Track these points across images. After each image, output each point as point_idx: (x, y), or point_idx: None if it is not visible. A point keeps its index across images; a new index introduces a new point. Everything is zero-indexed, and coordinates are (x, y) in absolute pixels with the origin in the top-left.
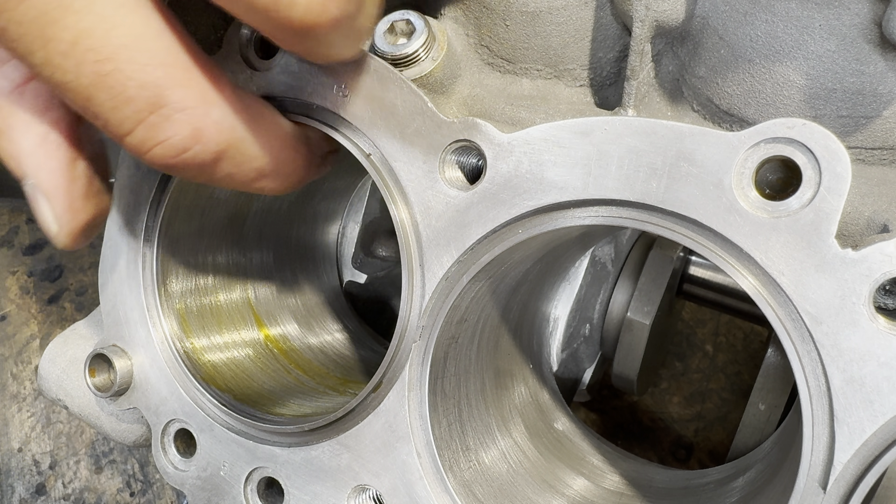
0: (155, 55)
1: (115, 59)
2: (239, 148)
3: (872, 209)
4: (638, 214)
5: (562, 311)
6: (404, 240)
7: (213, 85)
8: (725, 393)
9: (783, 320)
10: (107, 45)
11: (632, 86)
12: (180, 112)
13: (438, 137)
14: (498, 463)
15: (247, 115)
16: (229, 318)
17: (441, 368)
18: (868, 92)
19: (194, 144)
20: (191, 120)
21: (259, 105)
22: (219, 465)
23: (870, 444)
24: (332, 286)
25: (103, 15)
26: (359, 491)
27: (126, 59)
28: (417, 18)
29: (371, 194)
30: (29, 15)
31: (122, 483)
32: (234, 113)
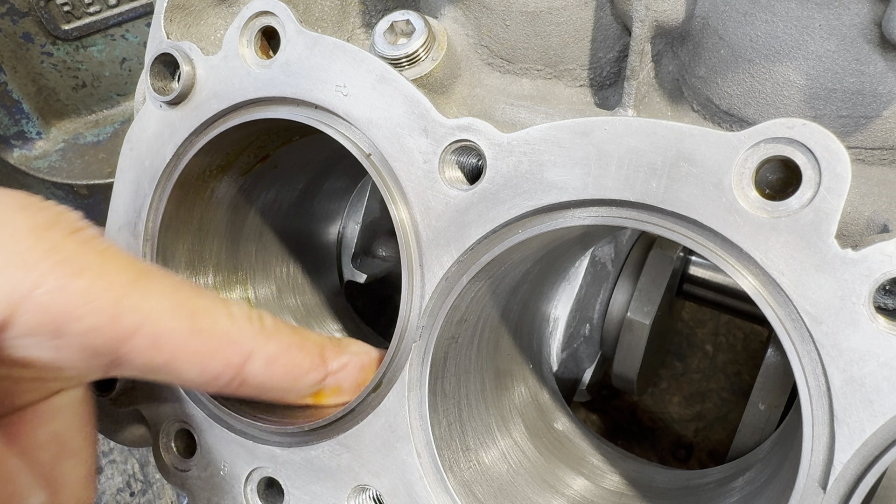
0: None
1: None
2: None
3: (872, 209)
4: (638, 214)
5: (562, 311)
6: (404, 240)
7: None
8: (725, 393)
9: (783, 320)
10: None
11: (632, 86)
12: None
13: (438, 137)
14: (498, 463)
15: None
16: None
17: (441, 368)
18: (868, 92)
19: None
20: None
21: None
22: (219, 465)
23: (870, 444)
24: (332, 286)
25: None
26: (359, 491)
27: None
28: (417, 18)
29: (371, 194)
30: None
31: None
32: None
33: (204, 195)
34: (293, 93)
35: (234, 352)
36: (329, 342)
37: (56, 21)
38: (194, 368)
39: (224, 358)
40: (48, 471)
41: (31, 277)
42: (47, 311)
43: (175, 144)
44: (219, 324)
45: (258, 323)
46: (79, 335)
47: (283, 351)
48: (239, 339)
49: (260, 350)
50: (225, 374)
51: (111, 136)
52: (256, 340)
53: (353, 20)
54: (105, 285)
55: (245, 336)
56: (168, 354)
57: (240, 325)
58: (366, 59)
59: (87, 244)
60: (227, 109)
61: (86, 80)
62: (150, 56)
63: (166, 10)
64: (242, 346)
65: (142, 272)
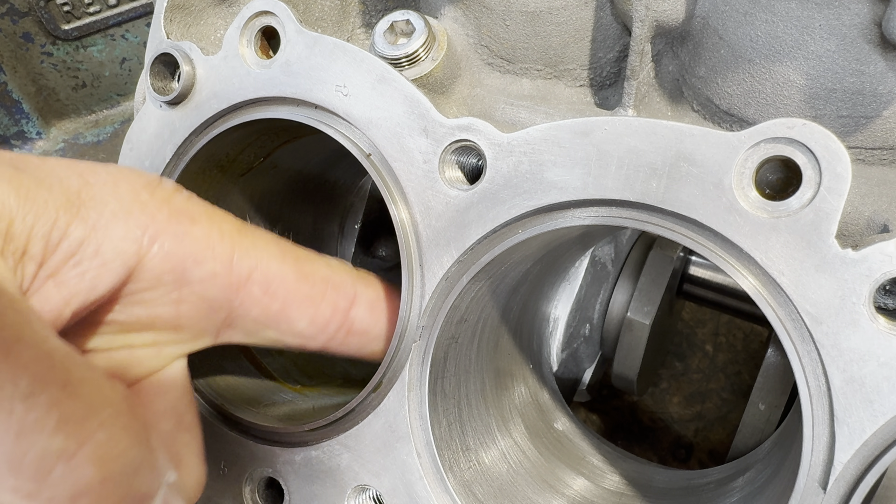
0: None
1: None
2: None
3: (872, 209)
4: (638, 214)
5: (562, 311)
6: (404, 240)
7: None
8: (725, 393)
9: (783, 320)
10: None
11: (632, 86)
12: None
13: (438, 137)
14: (498, 463)
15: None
16: None
17: (441, 368)
18: (868, 92)
19: None
20: None
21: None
22: (219, 465)
23: (870, 444)
24: None
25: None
26: (359, 491)
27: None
28: (417, 18)
29: (371, 194)
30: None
31: None
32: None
33: (203, 196)
34: (293, 93)
35: (339, 295)
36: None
37: (56, 21)
38: (305, 315)
39: (332, 301)
40: (170, 445)
41: (155, 225)
42: (171, 256)
43: (175, 144)
44: (321, 269)
45: (354, 271)
46: (199, 282)
47: (380, 296)
48: (342, 284)
49: (362, 293)
50: (334, 321)
51: (111, 136)
52: (357, 285)
53: (353, 20)
54: (219, 232)
55: (346, 281)
56: (280, 301)
57: (339, 270)
58: (366, 59)
59: (192, 199)
60: (227, 109)
61: (86, 80)
62: (150, 56)
63: (166, 10)
64: (346, 289)
65: (244, 224)
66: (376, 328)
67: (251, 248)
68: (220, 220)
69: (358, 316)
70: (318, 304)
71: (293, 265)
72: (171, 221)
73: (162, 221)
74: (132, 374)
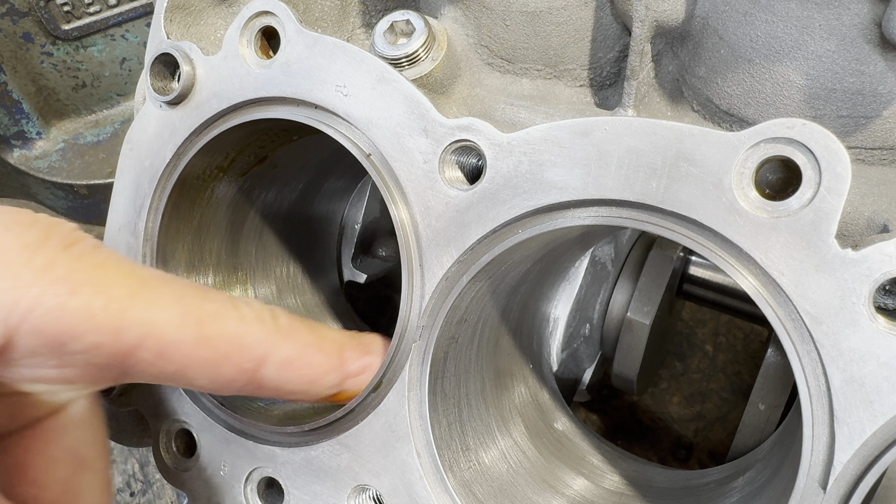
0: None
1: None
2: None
3: (872, 209)
4: (638, 214)
5: (562, 311)
6: (404, 240)
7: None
8: (725, 393)
9: (783, 320)
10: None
11: (632, 86)
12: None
13: (438, 137)
14: (498, 463)
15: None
16: None
17: (441, 368)
18: (868, 92)
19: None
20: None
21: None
22: (219, 465)
23: (870, 444)
24: (332, 286)
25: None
26: (359, 491)
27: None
28: (417, 18)
29: (371, 194)
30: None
31: (122, 483)
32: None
33: (204, 195)
34: (293, 93)
35: (245, 357)
36: (350, 340)
37: (56, 21)
38: (204, 376)
39: (235, 364)
40: (67, 488)
41: (27, 299)
42: (45, 332)
43: (175, 144)
44: (228, 329)
45: (272, 323)
46: (81, 353)
47: (298, 353)
48: (251, 344)
49: (274, 353)
50: (238, 380)
51: (111, 136)
52: (270, 343)
53: (353, 20)
54: (104, 301)
55: (257, 339)
56: (177, 365)
57: (251, 327)
58: (366, 59)
59: (82, 258)
60: (227, 109)
61: (86, 80)
62: (150, 56)
63: (166, 10)
64: (255, 350)
65: (143, 282)
66: (290, 386)
67: (144, 313)
68: (111, 283)
69: (266, 375)
70: (219, 367)
71: (194, 329)
72: (48, 294)
73: (37, 295)
74: (27, 415)
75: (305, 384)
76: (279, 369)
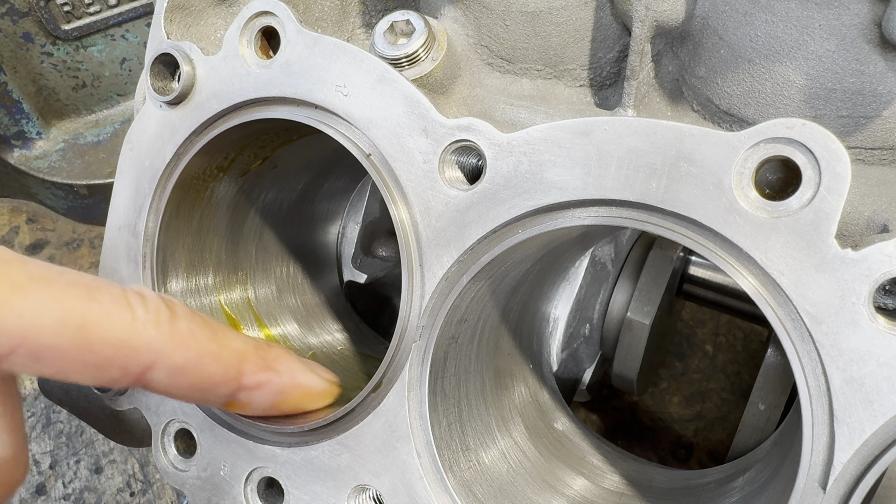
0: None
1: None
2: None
3: (872, 209)
4: (638, 214)
5: (562, 311)
6: (404, 240)
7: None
8: (725, 393)
9: (783, 320)
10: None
11: (632, 86)
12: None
13: (438, 137)
14: (498, 463)
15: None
16: (229, 318)
17: (441, 368)
18: (868, 92)
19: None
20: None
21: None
22: (219, 465)
23: (869, 444)
24: (332, 286)
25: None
26: (359, 491)
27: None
28: (417, 18)
29: (371, 194)
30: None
31: (122, 483)
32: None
33: (204, 195)
34: (293, 93)
35: (131, 361)
36: (255, 352)
37: (56, 21)
38: (87, 377)
39: (119, 367)
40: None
41: None
42: None
43: (175, 144)
44: (114, 332)
45: (168, 327)
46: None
47: (192, 362)
48: (139, 348)
49: (164, 360)
50: (123, 381)
51: (111, 136)
52: (162, 349)
53: (353, 20)
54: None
55: (148, 344)
56: (56, 367)
57: (143, 331)
58: (366, 59)
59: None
60: (227, 109)
61: (86, 80)
62: (150, 56)
63: (166, 10)
64: (143, 355)
65: (21, 284)
66: (179, 392)
67: (19, 319)
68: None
69: (154, 379)
70: (102, 370)
71: (73, 334)
72: None
73: None
74: None
75: (197, 392)
76: (169, 376)
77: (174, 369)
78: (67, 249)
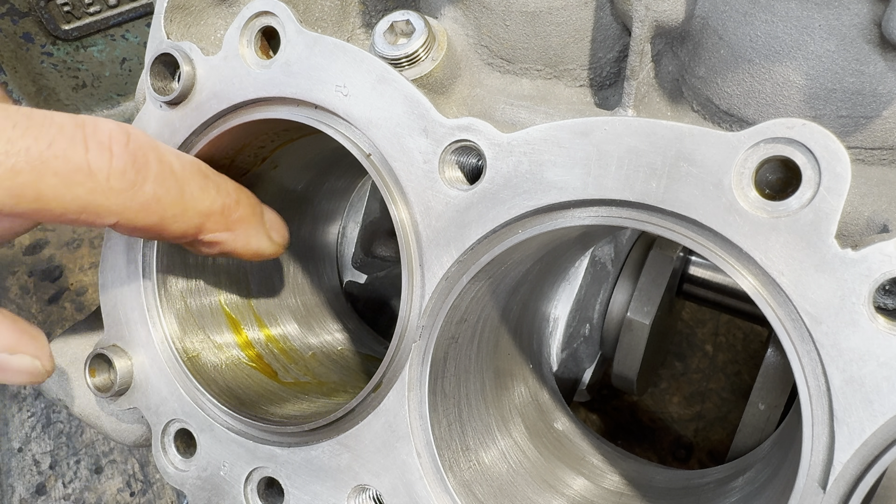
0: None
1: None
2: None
3: (872, 209)
4: (638, 214)
5: (562, 311)
6: (404, 240)
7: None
8: (725, 393)
9: (783, 320)
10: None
11: (632, 86)
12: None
13: (438, 137)
14: (498, 463)
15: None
16: (229, 318)
17: (441, 368)
18: (868, 92)
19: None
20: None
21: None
22: (219, 465)
23: (869, 444)
24: (332, 286)
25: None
26: (359, 491)
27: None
28: (417, 18)
29: (371, 194)
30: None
31: (122, 483)
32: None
33: None
34: (293, 93)
35: (94, 221)
36: (219, 212)
37: (56, 21)
38: (55, 223)
39: (84, 223)
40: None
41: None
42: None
43: (175, 144)
44: (73, 201)
45: (131, 193)
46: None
47: (153, 224)
48: (101, 212)
49: (125, 222)
50: (90, 226)
51: None
52: (124, 213)
53: (353, 20)
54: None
55: (109, 209)
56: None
57: (103, 198)
58: (366, 59)
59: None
60: (227, 109)
61: (86, 80)
62: (150, 56)
63: (166, 10)
64: (104, 218)
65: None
66: (136, 236)
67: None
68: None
69: (116, 229)
70: (67, 223)
71: (30, 206)
72: None
73: None
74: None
75: (152, 238)
76: (130, 231)
77: (135, 229)
78: (67, 249)
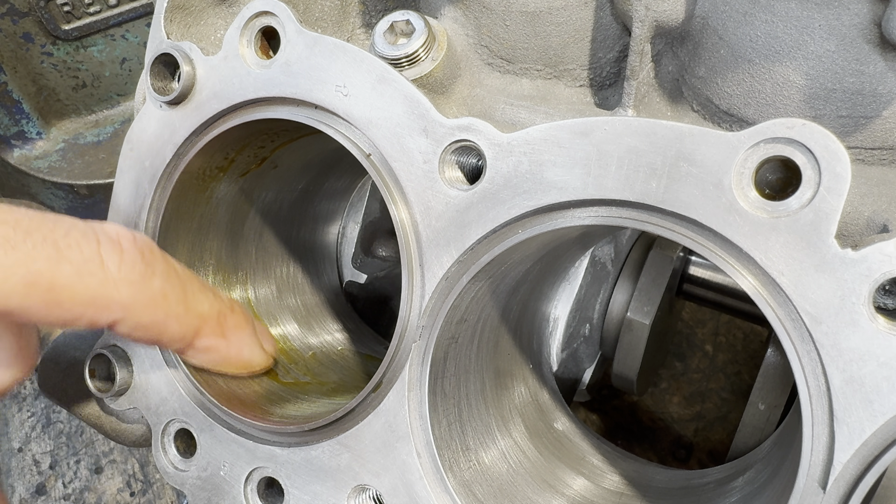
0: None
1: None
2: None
3: (872, 209)
4: (638, 214)
5: (562, 311)
6: (404, 240)
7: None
8: (725, 393)
9: (783, 320)
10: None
11: (632, 86)
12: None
13: (438, 137)
14: (498, 463)
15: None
16: None
17: (441, 368)
18: (868, 92)
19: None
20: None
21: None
22: (219, 465)
23: (869, 444)
24: (332, 286)
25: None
26: (359, 491)
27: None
28: (417, 18)
29: (371, 194)
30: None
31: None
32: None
33: (204, 195)
34: (293, 93)
35: (101, 316)
36: (216, 318)
37: (56, 21)
38: (56, 325)
39: (88, 320)
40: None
41: None
42: None
43: (175, 144)
44: (85, 292)
45: (140, 286)
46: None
47: (156, 322)
48: (110, 306)
49: (131, 317)
50: (89, 327)
51: (111, 136)
52: (131, 307)
53: (353, 20)
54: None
55: (118, 302)
56: (27, 320)
57: (114, 290)
58: (366, 59)
59: None
60: (228, 109)
61: (86, 80)
62: (150, 56)
63: (166, 10)
64: (113, 312)
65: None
66: (134, 338)
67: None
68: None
69: (118, 330)
70: (71, 322)
71: (42, 296)
72: None
73: None
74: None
75: (150, 342)
76: (132, 329)
77: (138, 326)
78: None
